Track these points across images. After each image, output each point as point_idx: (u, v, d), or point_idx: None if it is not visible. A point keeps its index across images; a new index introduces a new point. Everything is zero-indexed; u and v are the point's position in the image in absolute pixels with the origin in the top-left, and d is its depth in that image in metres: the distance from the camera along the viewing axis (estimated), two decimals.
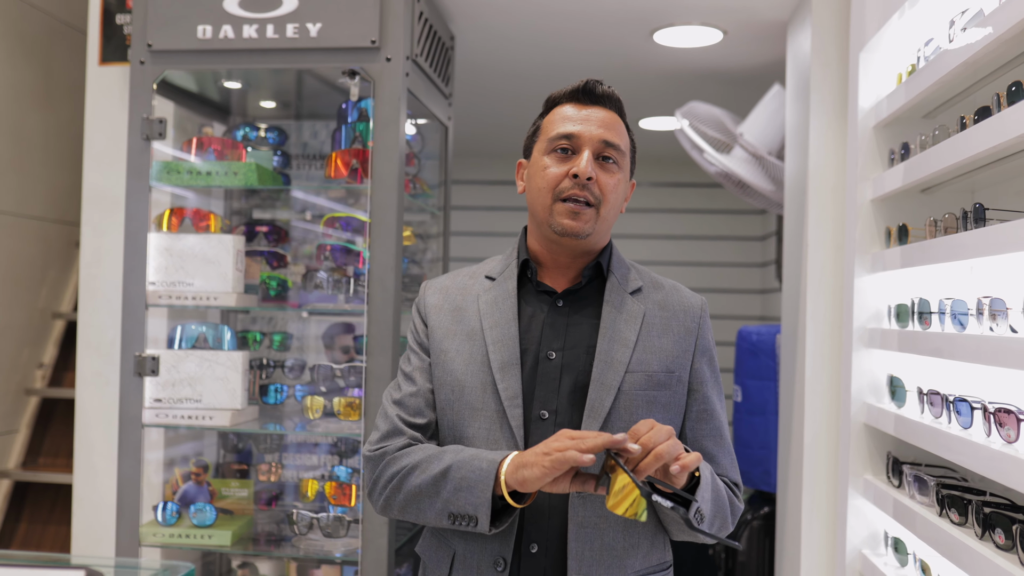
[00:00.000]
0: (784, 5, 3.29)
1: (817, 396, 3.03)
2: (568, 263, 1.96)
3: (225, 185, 2.99)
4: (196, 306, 2.97)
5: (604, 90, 1.95)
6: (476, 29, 3.59)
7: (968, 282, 2.38)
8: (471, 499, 1.75)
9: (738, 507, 1.96)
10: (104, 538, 3.21)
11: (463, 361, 1.91)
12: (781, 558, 3.38)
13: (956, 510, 2.11)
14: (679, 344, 1.95)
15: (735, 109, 4.06)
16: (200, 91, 3.32)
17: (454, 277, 2.06)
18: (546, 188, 1.89)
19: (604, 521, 1.84)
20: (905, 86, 2.42)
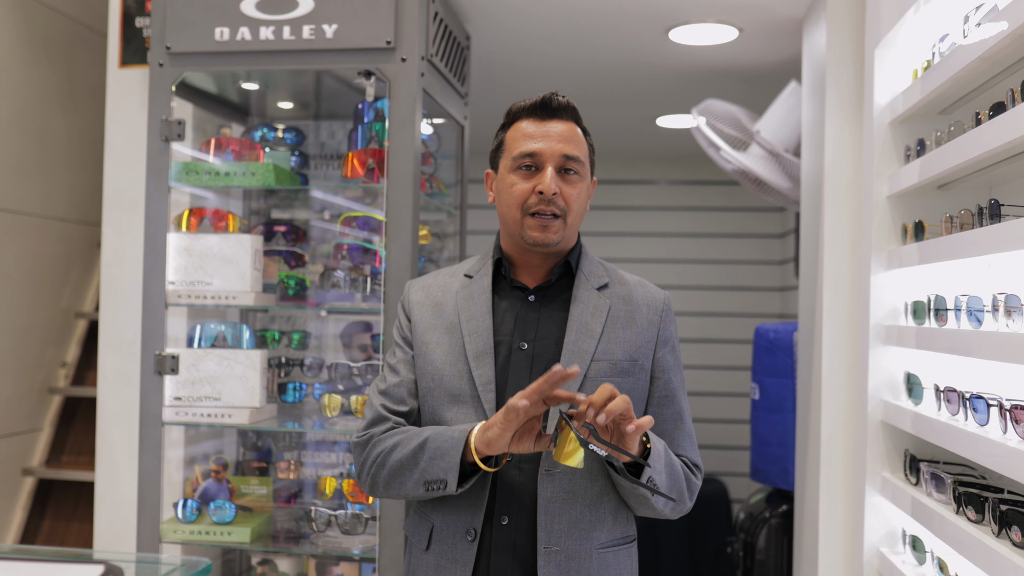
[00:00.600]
0: (799, 2, 3.28)
1: (834, 393, 3.03)
2: (539, 263, 2.11)
3: (243, 185, 3.02)
4: (215, 305, 2.99)
5: (560, 102, 2.08)
6: (492, 28, 3.60)
7: (986, 279, 2.37)
8: (443, 465, 1.93)
9: (695, 483, 2.09)
10: (126, 535, 3.24)
11: (443, 352, 2.08)
12: (799, 556, 3.38)
13: (973, 508, 2.10)
14: (642, 335, 2.10)
15: (751, 106, 4.05)
16: (218, 92, 3.35)
17: (435, 276, 2.23)
18: (515, 204, 2.04)
19: (572, 497, 2.00)
20: (920, 82, 2.41)
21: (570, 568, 1.99)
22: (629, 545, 2.12)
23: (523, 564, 2.00)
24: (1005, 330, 1.97)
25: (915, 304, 2.48)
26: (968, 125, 2.27)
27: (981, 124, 2.12)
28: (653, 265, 6.15)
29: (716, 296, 6.26)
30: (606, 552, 2.05)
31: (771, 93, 3.99)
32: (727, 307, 6.24)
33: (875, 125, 2.67)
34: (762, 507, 3.92)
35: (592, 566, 2.02)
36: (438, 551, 2.05)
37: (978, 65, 2.11)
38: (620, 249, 6.15)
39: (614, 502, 2.06)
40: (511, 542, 2.00)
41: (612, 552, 2.06)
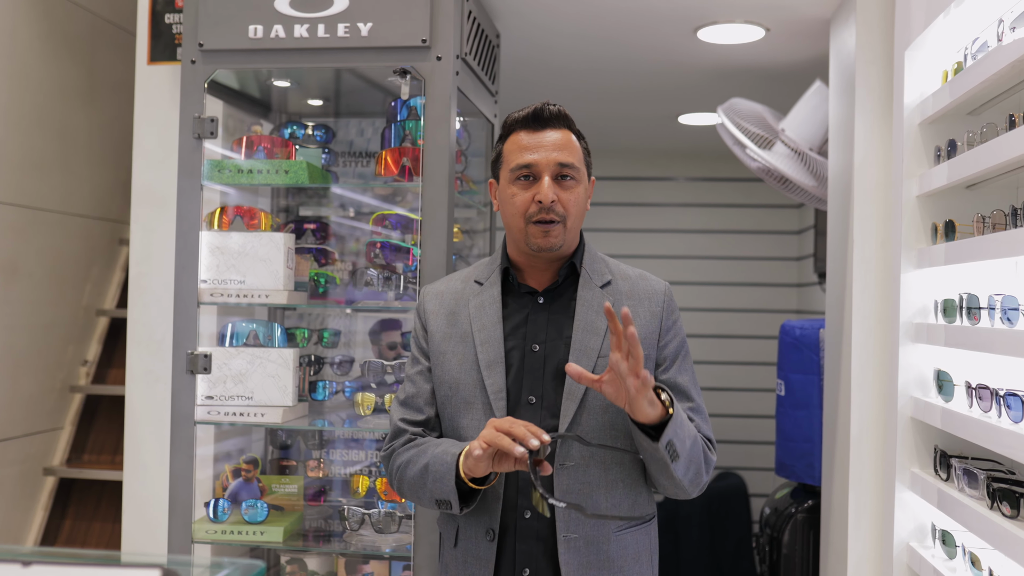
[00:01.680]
0: (827, 2, 3.30)
1: (863, 390, 3.05)
2: (545, 267, 2.23)
3: (276, 183, 3.03)
4: (248, 303, 3.00)
5: (551, 111, 2.21)
6: (522, 27, 3.62)
7: (1014, 278, 2.40)
8: (444, 487, 2.08)
9: (711, 458, 2.18)
10: (155, 535, 3.25)
11: (457, 361, 2.20)
12: (827, 550, 3.40)
13: (1008, 503, 2.12)
14: (646, 327, 2.20)
15: (776, 105, 4.06)
16: (244, 89, 3.36)
17: (448, 282, 2.35)
18: (517, 214, 2.16)
19: (587, 487, 2.13)
20: (952, 84, 2.43)
21: (589, 553, 2.12)
22: (647, 524, 2.25)
23: (546, 553, 2.13)
24: None
25: (945, 302, 2.50)
26: (1001, 127, 2.29)
27: (1016, 127, 2.14)
28: (671, 261, 6.18)
29: (733, 292, 6.28)
30: (624, 534, 2.17)
31: (795, 92, 4.01)
32: (744, 303, 6.27)
33: (905, 125, 2.69)
34: (787, 502, 3.95)
35: (611, 549, 2.14)
36: (464, 548, 2.20)
37: (1011, 69, 2.14)
38: (638, 245, 6.17)
39: (630, 487, 2.18)
40: (534, 534, 2.13)
41: (630, 533, 2.19)
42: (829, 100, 3.50)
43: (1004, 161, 2.14)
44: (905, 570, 2.65)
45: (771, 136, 3.76)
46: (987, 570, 2.24)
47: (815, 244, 5.24)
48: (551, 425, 2.13)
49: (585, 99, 4.72)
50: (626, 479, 2.18)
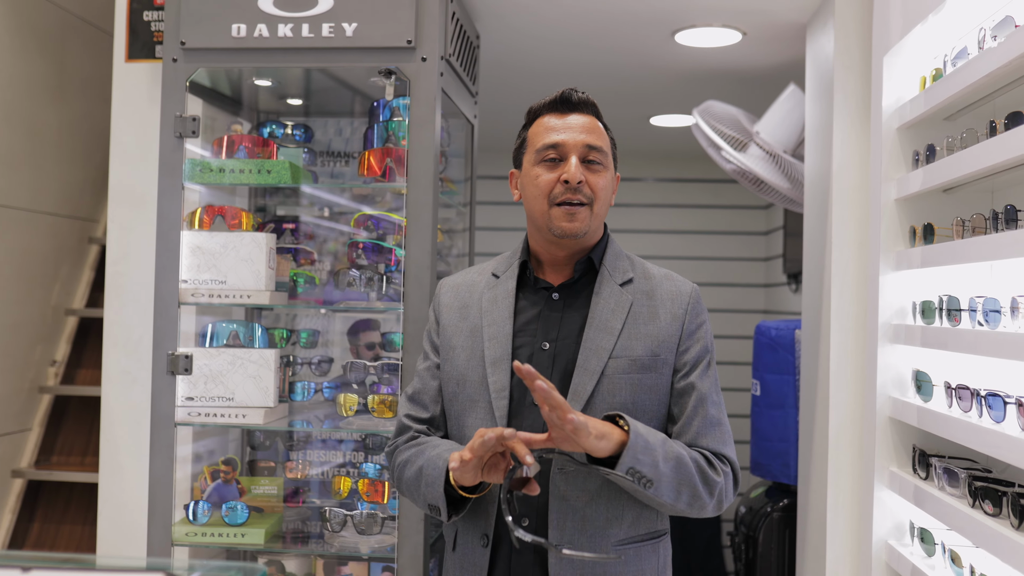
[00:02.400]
0: (804, 8, 3.34)
1: (841, 390, 3.10)
2: (565, 260, 2.14)
3: (259, 183, 3.01)
4: (230, 304, 2.99)
5: (580, 97, 2.13)
6: (501, 28, 3.63)
7: (988, 280, 2.45)
8: (433, 493, 2.00)
9: (713, 478, 2.03)
10: (131, 537, 3.22)
11: (466, 356, 2.13)
12: (803, 548, 3.44)
13: (990, 501, 2.17)
14: (665, 329, 2.10)
15: (750, 108, 4.11)
16: (220, 88, 3.33)
17: (466, 274, 2.28)
18: (541, 195, 2.07)
19: (585, 495, 2.02)
20: (931, 90, 2.48)
21: (583, 566, 2.01)
22: (655, 541, 2.12)
23: (542, 564, 2.03)
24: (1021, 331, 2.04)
25: (924, 304, 2.55)
26: (982, 133, 2.34)
27: (997, 133, 2.19)
28: None
29: (701, 292, 6.32)
30: (626, 549, 2.05)
31: (770, 95, 4.06)
32: (712, 303, 6.33)
33: (883, 130, 2.73)
34: (763, 501, 3.99)
35: (611, 566, 2.03)
36: (461, 553, 2.12)
37: (992, 77, 2.19)
38: None
39: (635, 499, 2.06)
40: (530, 544, 1.98)
41: (634, 548, 2.06)
42: (805, 104, 3.55)
43: (987, 166, 2.18)
44: (883, 567, 2.70)
45: (746, 139, 3.81)
46: (968, 567, 2.29)
47: (784, 245, 5.31)
48: None
49: None
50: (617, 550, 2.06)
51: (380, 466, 3.11)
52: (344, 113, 3.54)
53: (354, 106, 3.51)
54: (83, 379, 4.37)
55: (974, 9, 2.41)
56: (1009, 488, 2.15)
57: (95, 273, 4.60)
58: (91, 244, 4.64)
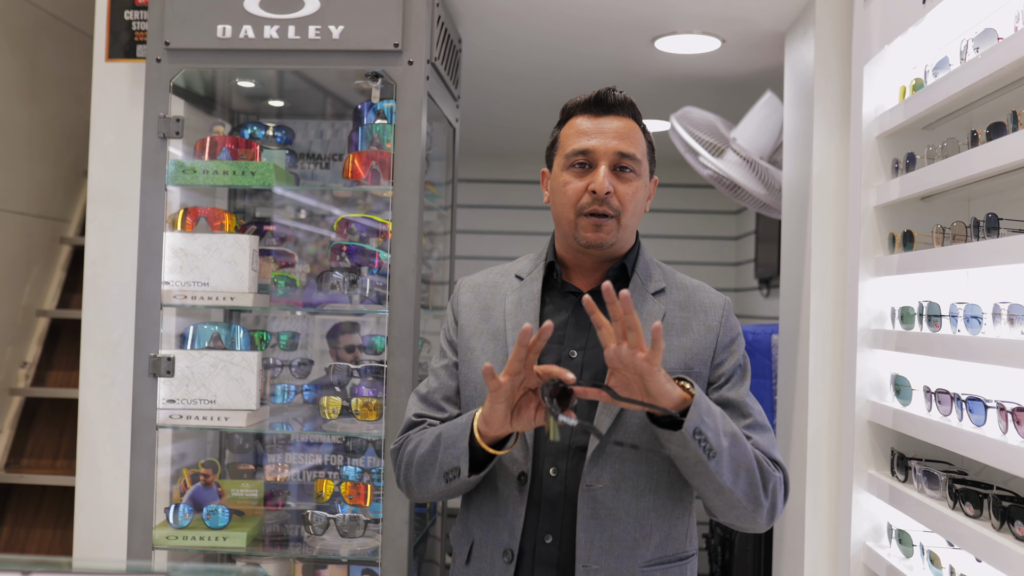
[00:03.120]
0: (783, 16, 3.39)
1: (820, 394, 3.14)
2: (594, 266, 2.03)
3: (242, 185, 3.00)
4: (213, 306, 2.97)
5: (616, 97, 2.00)
6: (482, 32, 3.64)
7: (964, 287, 2.51)
8: (454, 452, 1.88)
9: (771, 475, 1.91)
10: (109, 541, 3.19)
11: (487, 360, 1.99)
12: (780, 550, 3.48)
13: (971, 503, 2.21)
14: (699, 342, 2.00)
15: (727, 114, 4.16)
16: (198, 89, 3.31)
17: (487, 275, 2.16)
18: (568, 204, 1.97)
19: (614, 513, 1.91)
20: (913, 100, 2.53)
21: None
22: (683, 563, 2.02)
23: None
24: (1006, 336, 2.09)
25: (902, 310, 2.59)
26: (963, 143, 2.38)
27: (979, 143, 2.23)
28: None
29: None
30: (653, 570, 1.95)
31: (747, 102, 4.10)
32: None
33: (863, 138, 2.78)
34: None
35: None
36: (477, 567, 2.00)
37: (974, 88, 2.23)
38: None
39: (665, 518, 1.97)
40: (555, 560, 1.92)
41: (660, 570, 1.96)
42: (784, 111, 3.59)
43: (970, 175, 2.23)
44: (862, 568, 2.74)
45: (722, 144, 3.85)
46: (947, 568, 2.33)
47: (756, 250, 5.36)
48: (582, 441, 1.93)
49: (540, 107, 4.77)
50: (659, 508, 1.96)
51: (360, 469, 3.10)
52: (319, 115, 3.54)
53: (331, 108, 3.51)
54: (54, 381, 4.32)
55: (953, 22, 2.47)
56: (989, 490, 2.19)
57: (67, 274, 4.55)
58: (63, 244, 4.59)
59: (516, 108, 4.98)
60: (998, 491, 2.17)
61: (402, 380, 2.85)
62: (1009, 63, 2.05)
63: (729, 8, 3.32)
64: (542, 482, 1.93)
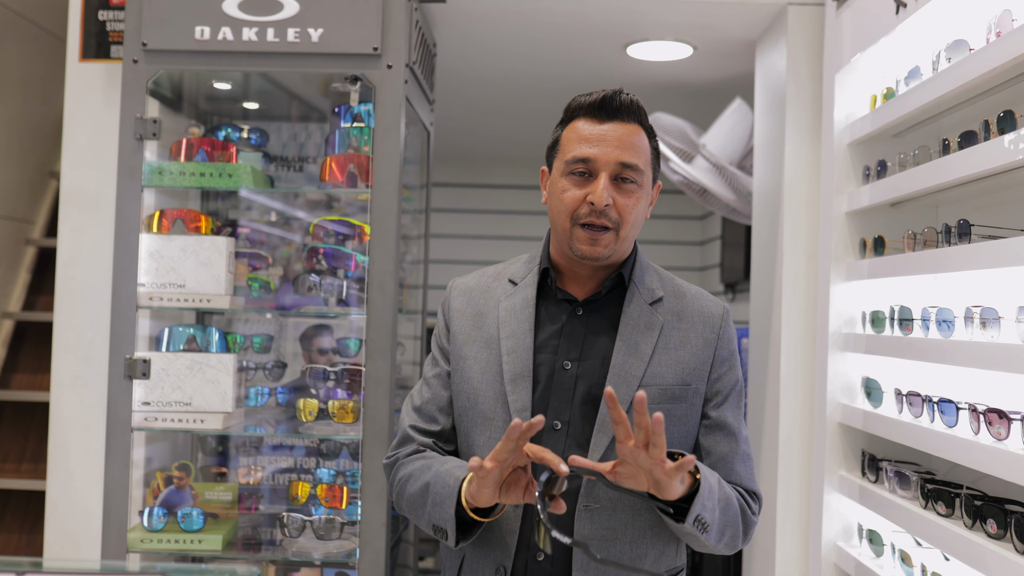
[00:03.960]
0: (754, 25, 3.44)
1: (791, 397, 3.19)
2: (589, 274, 1.97)
3: (219, 187, 2.99)
4: (189, 308, 2.96)
5: (622, 101, 1.91)
6: (457, 37, 3.66)
7: (933, 292, 2.57)
8: (442, 514, 1.81)
9: (751, 518, 1.91)
10: (81, 544, 3.16)
11: (479, 369, 1.94)
12: (751, 551, 3.53)
13: (943, 503, 2.27)
14: (697, 356, 1.94)
15: (697, 120, 4.21)
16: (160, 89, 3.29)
17: (479, 278, 2.08)
18: (564, 212, 1.89)
19: (611, 533, 1.86)
20: (884, 108, 2.59)
21: None
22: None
23: None
24: (978, 339, 2.14)
25: (873, 314, 2.65)
26: (934, 150, 2.44)
27: (951, 151, 2.29)
28: None
29: None
30: None
31: (716, 109, 4.16)
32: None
33: (835, 145, 2.84)
34: None
35: None
36: None
37: (946, 97, 2.29)
38: None
39: (660, 537, 1.92)
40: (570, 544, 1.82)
41: None
42: (755, 118, 3.65)
43: (942, 182, 2.28)
44: (832, 568, 2.79)
45: (692, 151, 3.89)
46: (919, 566, 2.38)
47: (722, 255, 5.41)
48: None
49: (512, 113, 4.80)
50: (655, 527, 1.90)
51: (334, 471, 3.10)
52: (291, 118, 3.53)
53: (303, 111, 3.51)
54: (19, 384, 4.26)
55: (924, 33, 2.53)
56: (960, 490, 2.25)
57: (32, 275, 4.49)
58: (28, 246, 4.53)
59: (488, 113, 5.00)
60: (968, 491, 2.22)
61: (380, 382, 2.86)
62: (981, 74, 2.11)
63: (701, 16, 3.37)
64: None
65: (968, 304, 2.22)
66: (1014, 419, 2.01)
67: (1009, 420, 2.02)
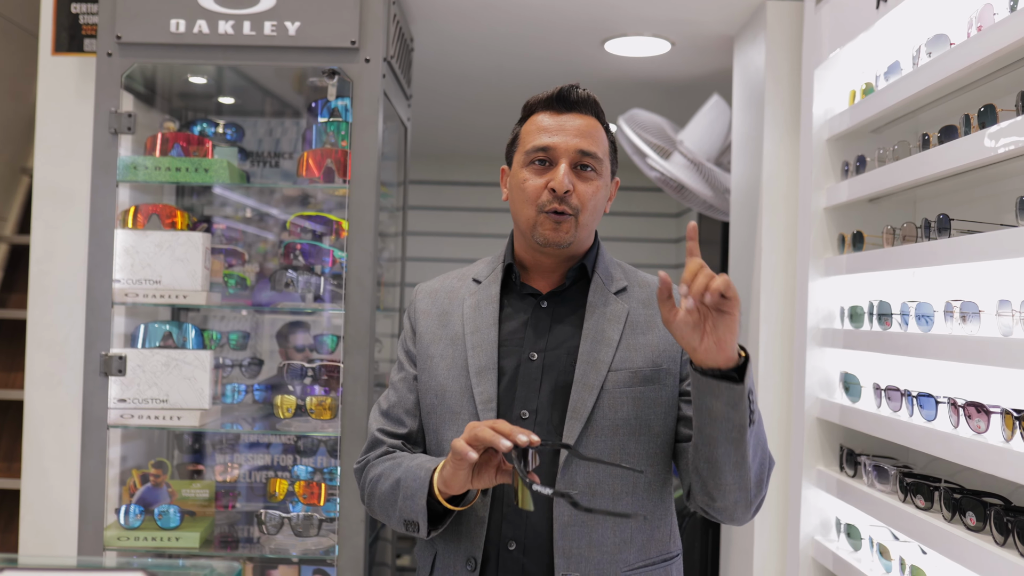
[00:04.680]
0: (732, 20, 3.44)
1: (770, 392, 3.20)
2: (553, 267, 1.97)
3: (195, 182, 2.96)
4: (165, 304, 2.94)
5: (579, 95, 1.94)
6: (434, 32, 3.64)
7: (911, 286, 2.58)
8: (413, 507, 1.81)
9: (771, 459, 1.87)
10: (56, 543, 3.13)
11: (446, 366, 1.95)
12: (728, 548, 3.54)
13: (922, 496, 2.28)
14: (666, 338, 1.93)
15: (675, 116, 4.21)
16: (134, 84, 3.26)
17: (444, 280, 2.10)
18: (527, 201, 1.91)
19: (593, 519, 1.84)
20: (863, 103, 2.59)
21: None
22: (668, 563, 1.95)
23: None
24: (958, 333, 2.15)
25: (852, 309, 2.66)
26: (913, 146, 2.45)
27: (931, 146, 2.30)
28: None
29: None
30: (637, 573, 1.88)
31: (694, 105, 4.16)
32: None
33: (813, 141, 2.84)
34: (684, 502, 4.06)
35: None
36: None
37: (926, 92, 2.30)
38: None
39: (650, 520, 1.90)
40: (519, 569, 1.84)
41: (645, 572, 1.89)
42: (734, 114, 3.65)
43: (922, 176, 2.29)
44: (810, 563, 2.80)
45: (670, 147, 3.89)
46: (897, 559, 2.39)
47: None
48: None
49: (489, 109, 4.79)
50: (640, 510, 1.88)
51: (312, 468, 3.08)
52: (266, 113, 3.51)
53: (279, 107, 3.49)
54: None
55: (903, 28, 2.54)
56: (938, 483, 2.26)
57: (4, 273, 4.43)
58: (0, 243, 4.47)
59: (465, 109, 4.99)
60: (947, 484, 2.23)
61: (358, 379, 2.85)
62: (961, 68, 2.12)
63: (679, 11, 3.37)
64: (505, 488, 1.86)
65: (947, 299, 2.23)
66: (993, 412, 2.02)
67: (988, 413, 2.03)
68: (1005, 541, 1.93)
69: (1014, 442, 1.92)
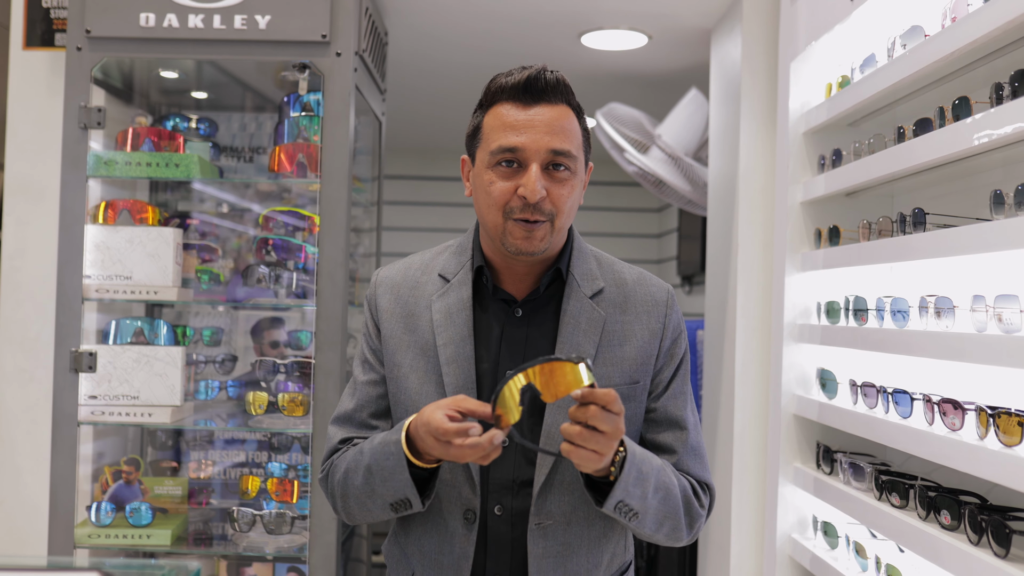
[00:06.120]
0: (709, 13, 3.42)
1: (746, 389, 3.18)
2: (526, 271, 1.82)
3: (166, 177, 2.93)
4: (137, 300, 2.91)
5: (548, 80, 1.74)
6: (408, 26, 3.62)
7: (887, 281, 2.56)
8: (396, 485, 1.69)
9: (697, 510, 1.82)
10: (29, 541, 3.10)
11: (417, 380, 1.81)
12: (706, 544, 3.52)
13: (897, 494, 2.26)
14: (643, 350, 1.83)
15: (653, 110, 4.19)
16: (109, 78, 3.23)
17: (406, 271, 1.91)
18: (494, 206, 1.73)
19: (567, 549, 1.77)
20: (839, 96, 2.57)
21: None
22: (625, 573, 1.92)
23: None
24: (933, 329, 2.14)
25: (828, 304, 2.64)
26: (889, 139, 2.43)
27: (906, 139, 2.28)
28: None
29: None
30: None
31: (673, 98, 4.14)
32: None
33: (789, 134, 2.82)
34: None
35: None
36: None
37: (901, 83, 2.28)
38: None
39: (613, 539, 1.84)
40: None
41: None
42: (709, 108, 3.63)
43: (897, 170, 2.27)
44: (787, 560, 2.79)
45: (648, 141, 3.87)
46: (873, 557, 2.38)
47: (679, 247, 5.41)
48: (527, 475, 1.77)
49: (465, 104, 4.74)
50: (608, 532, 1.82)
51: (286, 465, 3.06)
52: (240, 108, 3.48)
53: (253, 101, 3.46)
54: None
55: (880, 20, 2.51)
56: (914, 481, 2.24)
57: None
58: None
59: (441, 104, 4.97)
60: (922, 482, 2.21)
61: (330, 375, 2.82)
62: (936, 59, 2.09)
63: (656, 4, 3.35)
64: (487, 520, 1.77)
65: (923, 294, 2.21)
66: (968, 410, 2.00)
67: (963, 411, 2.02)
68: (979, 540, 1.92)
69: (988, 440, 1.90)
